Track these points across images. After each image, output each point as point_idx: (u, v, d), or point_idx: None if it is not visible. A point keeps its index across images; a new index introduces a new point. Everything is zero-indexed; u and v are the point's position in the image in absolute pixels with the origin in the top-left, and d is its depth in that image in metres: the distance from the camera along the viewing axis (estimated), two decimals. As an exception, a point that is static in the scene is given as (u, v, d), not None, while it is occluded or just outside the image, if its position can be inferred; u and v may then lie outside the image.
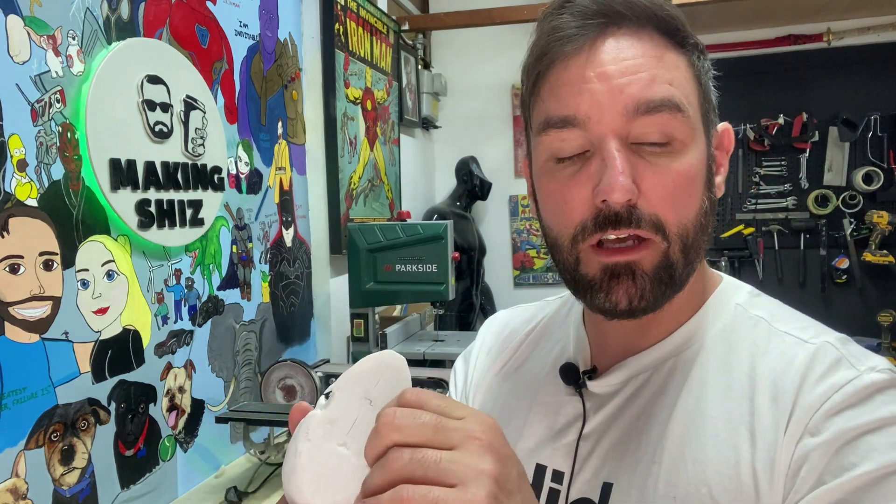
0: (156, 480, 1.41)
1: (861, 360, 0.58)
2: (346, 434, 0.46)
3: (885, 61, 3.12)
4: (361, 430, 0.45)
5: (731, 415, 0.59)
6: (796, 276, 3.27)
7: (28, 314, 1.11)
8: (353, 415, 0.46)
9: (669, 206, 0.58)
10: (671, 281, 0.60)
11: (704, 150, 0.61)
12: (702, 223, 0.61)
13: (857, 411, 0.54)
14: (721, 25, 3.12)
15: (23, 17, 1.11)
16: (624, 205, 0.57)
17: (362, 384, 0.48)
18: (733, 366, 0.62)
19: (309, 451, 0.45)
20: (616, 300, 0.60)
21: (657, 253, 0.59)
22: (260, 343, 1.83)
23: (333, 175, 2.20)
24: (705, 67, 0.63)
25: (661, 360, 0.65)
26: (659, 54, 0.59)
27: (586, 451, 0.66)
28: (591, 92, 0.58)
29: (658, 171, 0.58)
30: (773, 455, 0.55)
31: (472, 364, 0.83)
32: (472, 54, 3.46)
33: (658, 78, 0.58)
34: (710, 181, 0.63)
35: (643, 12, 0.59)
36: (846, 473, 0.52)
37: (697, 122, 0.60)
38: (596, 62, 0.58)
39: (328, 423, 0.46)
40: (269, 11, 1.90)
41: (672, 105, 0.57)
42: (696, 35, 0.63)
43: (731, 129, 0.67)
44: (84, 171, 1.23)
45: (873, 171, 3.11)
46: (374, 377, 0.48)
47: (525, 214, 3.59)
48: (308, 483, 0.44)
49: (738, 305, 0.66)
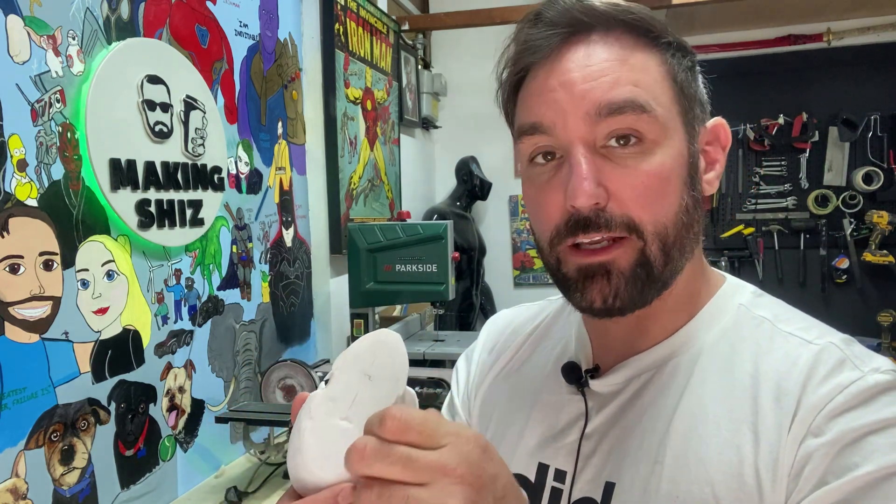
0: (156, 480, 1.41)
1: (865, 362, 0.58)
2: (348, 409, 0.47)
3: (885, 61, 3.12)
4: (363, 404, 0.47)
5: (733, 414, 0.59)
6: (796, 276, 3.27)
7: (28, 314, 1.11)
8: (353, 391, 0.47)
9: (642, 205, 0.59)
10: (650, 279, 0.60)
11: (682, 147, 0.61)
12: (683, 221, 0.61)
13: (860, 412, 0.54)
14: (721, 25, 3.12)
15: (23, 17, 1.11)
16: (592, 209, 0.58)
17: (360, 362, 0.49)
18: (736, 366, 0.62)
19: (313, 428, 0.46)
20: (591, 299, 0.61)
21: (633, 251, 0.60)
22: (260, 343, 1.83)
23: (333, 175, 2.20)
24: (683, 65, 0.63)
25: (663, 360, 0.65)
26: (624, 57, 0.60)
27: (589, 450, 0.66)
28: (555, 100, 0.60)
29: (627, 171, 0.59)
30: (776, 455, 0.56)
31: (475, 363, 0.83)
32: (472, 54, 3.46)
33: (621, 80, 0.59)
34: (693, 178, 0.63)
35: (608, 18, 0.61)
36: (848, 474, 0.52)
37: (671, 120, 0.61)
38: (560, 70, 0.60)
39: (330, 401, 0.47)
40: (269, 11, 1.90)
41: (635, 106, 0.58)
42: (693, 33, 0.64)
43: (723, 123, 0.66)
44: (84, 171, 1.23)
45: (873, 171, 3.11)
46: (370, 355, 0.49)
47: (525, 214, 3.59)
48: (314, 459, 0.45)
49: (741, 306, 0.66)
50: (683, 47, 0.64)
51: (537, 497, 0.68)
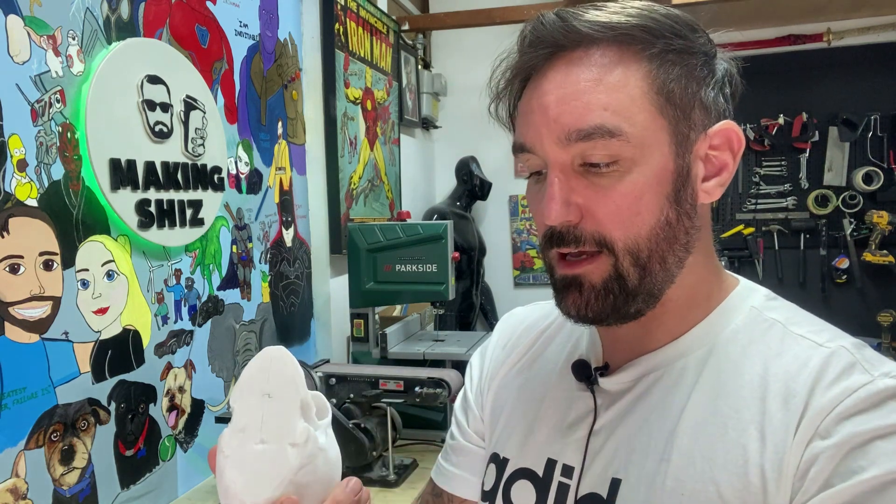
0: (156, 480, 1.41)
1: (875, 366, 0.58)
2: (259, 432, 0.48)
3: (885, 61, 3.12)
4: (271, 420, 0.49)
5: (741, 414, 0.60)
6: (796, 276, 3.27)
7: (28, 314, 1.11)
8: (258, 413, 0.49)
9: (614, 224, 0.61)
10: (624, 292, 0.62)
11: (664, 161, 0.61)
12: (662, 235, 0.62)
13: (868, 416, 0.54)
14: (721, 25, 3.09)
15: (23, 17, 1.11)
16: (563, 224, 0.62)
17: (255, 384, 0.50)
18: (745, 367, 0.62)
19: (231, 464, 0.47)
20: (567, 308, 0.65)
21: (606, 266, 0.62)
22: (260, 343, 1.83)
23: (333, 175, 2.20)
24: (680, 72, 0.62)
25: (673, 359, 0.66)
26: (601, 76, 0.60)
27: (596, 446, 0.67)
28: (533, 123, 0.63)
29: (599, 192, 0.61)
30: (783, 456, 0.56)
31: (489, 358, 0.85)
32: (472, 54, 3.45)
33: (592, 104, 0.60)
34: (679, 192, 0.62)
35: (588, 36, 0.61)
36: (854, 477, 0.52)
37: (649, 137, 0.60)
38: (540, 92, 0.63)
39: (239, 432, 0.49)
40: (269, 11, 1.90)
41: (604, 132, 0.59)
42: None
43: (733, 126, 0.65)
44: (84, 171, 1.23)
45: (873, 171, 3.11)
46: (263, 373, 0.51)
47: (525, 214, 3.59)
48: (243, 489, 0.46)
49: (752, 308, 0.67)
50: (684, 51, 0.62)
51: (545, 492, 0.69)
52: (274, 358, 0.51)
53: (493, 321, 3.42)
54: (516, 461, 0.73)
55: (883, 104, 3.12)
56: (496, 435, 0.78)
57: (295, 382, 0.50)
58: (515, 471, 0.73)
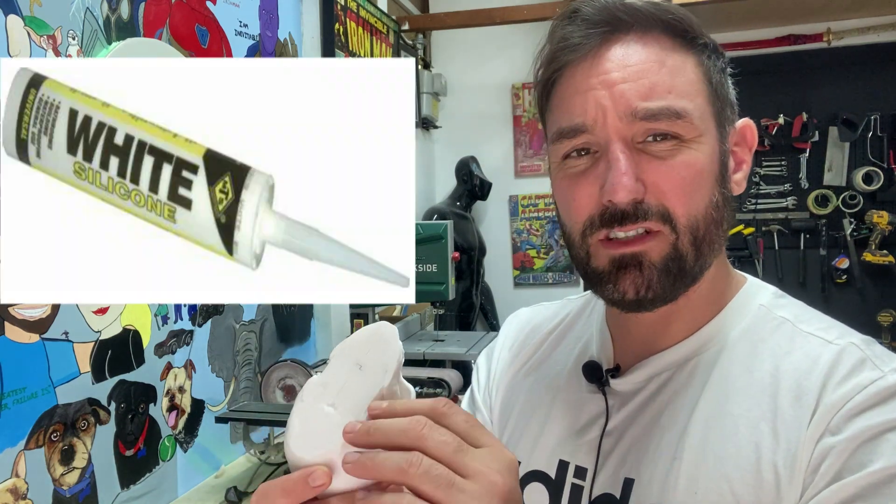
0: (156, 480, 1.41)
1: (885, 362, 0.58)
2: (334, 396, 0.49)
3: (885, 61, 3.12)
4: (349, 392, 0.49)
5: (752, 412, 0.60)
6: (796, 276, 3.27)
7: (28, 314, 1.11)
8: (342, 379, 0.50)
9: (677, 197, 0.60)
10: (681, 272, 0.61)
11: (714, 147, 0.63)
12: (713, 217, 0.62)
13: (878, 411, 0.55)
14: (721, 25, 3.12)
15: (23, 17, 1.11)
16: (629, 203, 0.59)
17: (355, 351, 0.51)
18: (756, 365, 0.63)
19: (299, 410, 0.49)
20: (624, 290, 0.62)
21: (665, 244, 0.61)
22: (260, 343, 1.83)
23: (333, 175, 2.20)
24: (717, 66, 0.64)
25: (683, 359, 0.66)
26: (662, 59, 0.61)
27: (609, 447, 0.67)
28: (595, 98, 0.61)
29: (664, 164, 0.60)
30: (795, 452, 0.56)
31: (496, 360, 0.84)
32: (472, 54, 3.46)
33: (658, 86, 0.60)
34: (724, 177, 0.64)
35: (648, 17, 0.62)
36: (863, 469, 0.53)
37: (705, 122, 0.62)
38: (600, 69, 0.61)
39: (320, 386, 0.50)
40: (269, 11, 1.90)
41: (671, 113, 0.60)
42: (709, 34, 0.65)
43: (751, 124, 0.68)
44: (84, 171, 1.23)
45: (873, 171, 3.11)
46: (366, 345, 0.51)
47: (525, 214, 3.59)
48: (296, 439, 0.48)
49: (761, 306, 0.67)
50: (717, 49, 0.65)
51: (558, 494, 0.69)
52: (381, 336, 0.52)
53: (493, 321, 3.42)
54: (527, 464, 0.73)
55: (883, 104, 3.12)
56: (506, 437, 0.78)
57: (386, 367, 0.50)
58: (527, 473, 0.72)
